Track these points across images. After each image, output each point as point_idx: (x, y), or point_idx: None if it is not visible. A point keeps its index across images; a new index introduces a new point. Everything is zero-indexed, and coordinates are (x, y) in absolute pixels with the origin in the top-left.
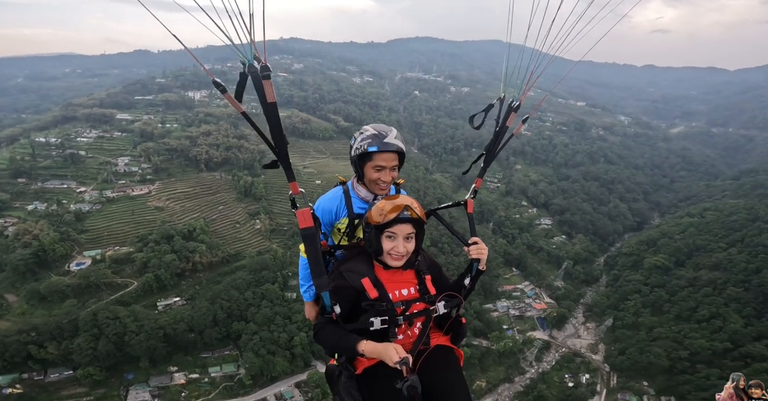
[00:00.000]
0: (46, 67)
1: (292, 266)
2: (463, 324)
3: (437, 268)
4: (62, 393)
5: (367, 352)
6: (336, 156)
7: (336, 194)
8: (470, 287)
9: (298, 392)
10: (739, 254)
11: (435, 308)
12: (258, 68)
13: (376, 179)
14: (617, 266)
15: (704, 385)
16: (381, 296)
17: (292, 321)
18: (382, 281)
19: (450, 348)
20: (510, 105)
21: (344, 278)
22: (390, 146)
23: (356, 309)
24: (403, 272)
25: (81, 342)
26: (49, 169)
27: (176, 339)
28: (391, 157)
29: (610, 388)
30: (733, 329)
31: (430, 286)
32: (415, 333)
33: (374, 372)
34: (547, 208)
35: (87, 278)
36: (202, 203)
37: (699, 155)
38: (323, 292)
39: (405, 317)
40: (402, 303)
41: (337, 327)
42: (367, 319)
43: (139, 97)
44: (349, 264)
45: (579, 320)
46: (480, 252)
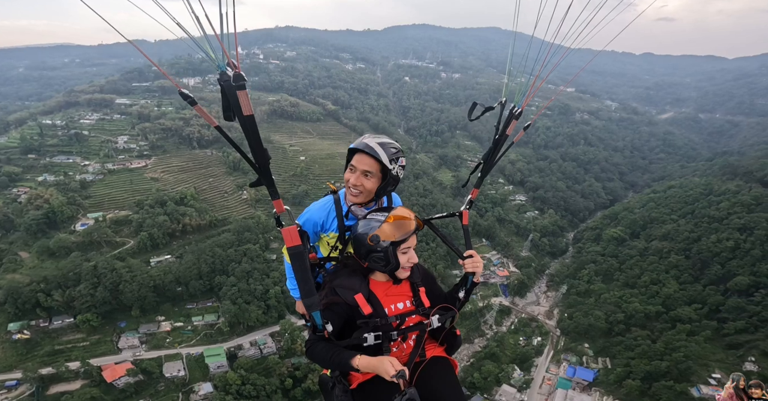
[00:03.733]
0: (45, 57)
1: (273, 231)
2: (457, 335)
3: (431, 279)
4: (63, 339)
5: (362, 367)
6: (322, 136)
7: (326, 204)
8: (464, 299)
9: (271, 339)
10: (685, 225)
11: (429, 322)
12: (231, 77)
13: (347, 181)
14: (582, 240)
15: (632, 345)
16: (375, 311)
17: (269, 277)
18: (378, 296)
19: (446, 359)
20: (511, 111)
21: (337, 295)
22: (364, 145)
23: (350, 324)
24: (399, 285)
25: (82, 289)
26: (56, 146)
27: (165, 291)
28: (363, 159)
29: (556, 350)
30: (667, 293)
31: (424, 298)
32: (410, 345)
33: (370, 386)
34: (523, 185)
35: (90, 235)
36: (194, 176)
37: (681, 139)
38: (314, 311)
39: (399, 331)
40: (397, 317)
41: (330, 344)
42: (360, 335)
43: (137, 84)
44: (341, 280)
45: (542, 289)
46: (475, 266)
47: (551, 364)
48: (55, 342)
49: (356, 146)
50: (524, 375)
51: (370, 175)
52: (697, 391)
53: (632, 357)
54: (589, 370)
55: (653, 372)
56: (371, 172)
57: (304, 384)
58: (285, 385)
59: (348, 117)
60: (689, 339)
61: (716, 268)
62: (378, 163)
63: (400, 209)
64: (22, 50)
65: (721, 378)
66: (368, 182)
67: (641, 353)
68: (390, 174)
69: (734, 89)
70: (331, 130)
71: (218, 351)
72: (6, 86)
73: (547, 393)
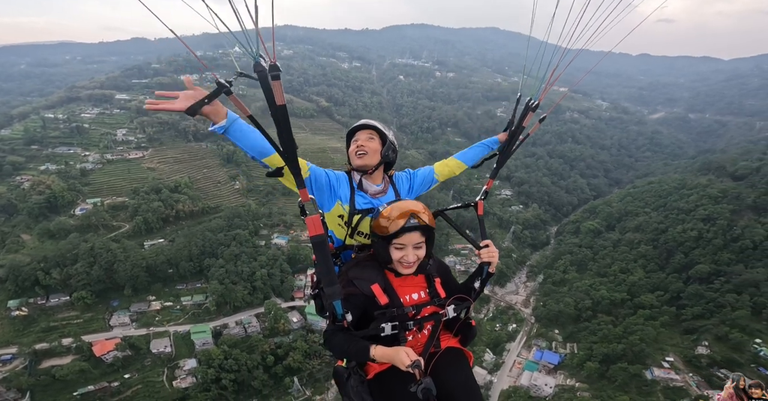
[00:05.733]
0: (46, 54)
1: (263, 218)
2: (472, 326)
3: (446, 269)
4: (58, 316)
5: (378, 357)
6: (314, 132)
7: (344, 177)
8: (479, 289)
9: (255, 320)
10: (656, 217)
11: (445, 311)
12: (266, 67)
13: (353, 151)
14: (564, 233)
15: (595, 330)
16: (391, 301)
17: (256, 260)
18: (393, 286)
19: (460, 350)
20: (528, 104)
21: (354, 286)
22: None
23: (366, 315)
24: (414, 276)
25: (78, 268)
26: (57, 138)
27: (156, 271)
28: (363, 132)
29: (529, 336)
30: (632, 281)
31: (439, 289)
32: (425, 335)
33: (386, 376)
34: (509, 180)
35: (88, 219)
36: (189, 167)
37: (668, 138)
38: (335, 301)
39: (415, 321)
40: (413, 308)
41: (348, 334)
42: (378, 325)
43: (136, 81)
44: (357, 270)
45: (522, 279)
46: (491, 255)
47: (523, 349)
48: (50, 319)
49: (355, 125)
50: (496, 358)
51: (372, 139)
52: (650, 373)
53: (595, 341)
54: (555, 354)
55: (610, 355)
56: (372, 137)
57: (285, 361)
58: (266, 362)
59: (341, 114)
60: (647, 323)
61: (680, 257)
62: (375, 130)
63: (404, 202)
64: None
65: (674, 361)
66: (371, 142)
67: (602, 337)
68: (388, 138)
69: (725, 90)
70: (323, 126)
71: (204, 329)
72: (8, 83)
73: (516, 376)
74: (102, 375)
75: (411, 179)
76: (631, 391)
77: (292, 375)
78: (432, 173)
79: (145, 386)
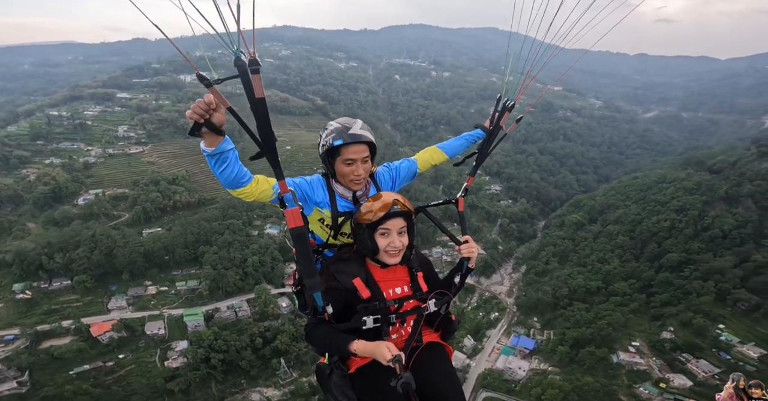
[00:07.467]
0: (49, 54)
1: (257, 210)
2: (452, 320)
3: (428, 264)
4: (59, 299)
5: (359, 351)
6: (309, 129)
7: (319, 181)
8: (460, 284)
9: (246, 304)
10: (635, 209)
11: (426, 306)
12: (246, 62)
13: (349, 174)
14: (550, 226)
15: (569, 316)
16: (374, 295)
17: (248, 248)
18: (376, 280)
19: (441, 345)
20: (504, 105)
21: (336, 280)
22: (356, 136)
23: (349, 310)
24: (397, 268)
25: (80, 252)
26: (62, 134)
27: (153, 258)
28: (359, 149)
29: (510, 323)
30: (607, 270)
31: (422, 283)
32: (408, 330)
33: (368, 370)
34: (499, 176)
35: (90, 208)
36: (187, 161)
37: (659, 136)
38: (315, 293)
39: (398, 315)
40: (395, 302)
41: (329, 327)
42: (359, 318)
43: (137, 80)
44: (339, 265)
45: (507, 270)
46: (471, 251)
47: (503, 336)
48: (52, 302)
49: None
50: (476, 344)
51: (367, 161)
52: (616, 357)
53: (568, 327)
54: (530, 340)
55: (580, 339)
56: (367, 158)
57: (273, 343)
58: (255, 344)
59: (336, 112)
60: (617, 309)
61: (653, 246)
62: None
63: (383, 192)
64: (27, 48)
65: (640, 346)
66: (367, 164)
67: (575, 322)
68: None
69: (718, 89)
70: (318, 123)
71: (197, 312)
72: (13, 82)
73: (494, 361)
74: (98, 355)
75: (393, 174)
76: (597, 374)
77: (279, 357)
78: (415, 166)
79: (138, 365)
